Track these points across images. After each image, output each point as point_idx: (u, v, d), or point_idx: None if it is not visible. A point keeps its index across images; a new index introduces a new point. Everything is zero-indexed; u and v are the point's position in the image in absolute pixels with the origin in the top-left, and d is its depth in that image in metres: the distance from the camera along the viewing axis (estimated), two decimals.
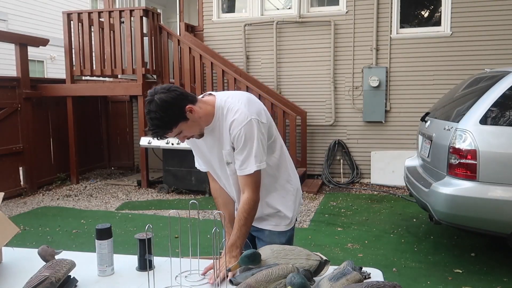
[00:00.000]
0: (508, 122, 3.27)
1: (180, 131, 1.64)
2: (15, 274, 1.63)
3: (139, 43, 6.36)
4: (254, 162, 1.66)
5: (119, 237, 4.32)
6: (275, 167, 1.84)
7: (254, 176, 1.69)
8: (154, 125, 1.58)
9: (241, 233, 1.69)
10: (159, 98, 1.55)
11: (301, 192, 2.00)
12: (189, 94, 1.65)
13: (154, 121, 1.57)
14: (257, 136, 1.65)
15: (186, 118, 1.61)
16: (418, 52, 6.54)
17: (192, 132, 1.68)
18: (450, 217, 3.37)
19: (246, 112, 1.65)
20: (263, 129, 1.69)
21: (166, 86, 1.60)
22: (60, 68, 11.24)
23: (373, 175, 6.74)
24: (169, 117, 1.57)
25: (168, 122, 1.58)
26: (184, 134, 1.67)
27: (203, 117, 1.67)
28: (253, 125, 1.64)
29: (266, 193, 1.83)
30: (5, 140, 6.03)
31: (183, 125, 1.62)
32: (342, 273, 1.32)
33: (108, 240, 1.62)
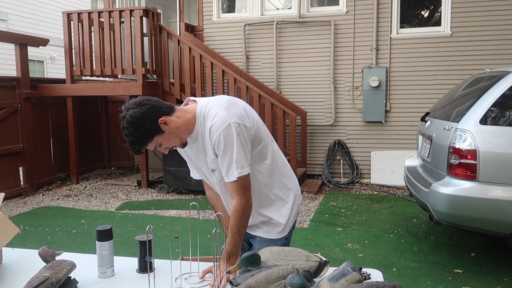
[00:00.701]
0: (508, 122, 3.27)
1: (158, 144, 1.61)
2: (15, 275, 1.63)
3: (139, 43, 6.35)
4: (235, 168, 1.60)
5: (119, 237, 4.32)
6: (267, 174, 1.77)
7: (239, 182, 1.62)
8: (130, 141, 1.57)
9: (235, 241, 1.66)
10: (130, 115, 1.53)
11: (300, 198, 1.93)
12: (163, 106, 1.59)
13: (129, 137, 1.55)
14: (237, 141, 1.58)
15: (161, 130, 1.57)
16: (418, 52, 6.54)
17: (171, 144, 1.65)
18: (450, 217, 3.37)
19: (225, 116, 1.59)
20: (245, 133, 1.61)
21: (138, 101, 1.56)
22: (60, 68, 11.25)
23: (373, 175, 6.74)
24: (142, 132, 1.55)
25: (142, 137, 1.56)
26: (165, 146, 1.64)
27: (182, 126, 1.63)
28: (232, 129, 1.57)
29: (258, 201, 1.77)
30: (5, 140, 6.03)
31: (160, 138, 1.59)
32: (341, 274, 1.32)
33: (108, 241, 1.62)
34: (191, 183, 6.08)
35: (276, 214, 1.82)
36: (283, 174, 1.84)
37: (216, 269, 1.54)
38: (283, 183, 1.83)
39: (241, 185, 1.63)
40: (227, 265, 1.60)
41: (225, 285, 1.49)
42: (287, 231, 1.84)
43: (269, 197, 1.81)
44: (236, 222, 1.65)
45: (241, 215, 1.64)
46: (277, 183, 1.81)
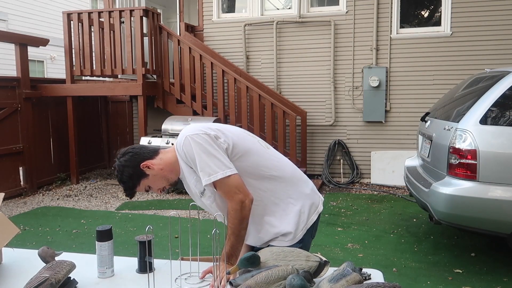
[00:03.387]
0: (508, 122, 3.27)
1: (147, 187, 1.72)
2: (15, 275, 1.63)
3: (139, 43, 6.35)
4: (203, 175, 1.63)
5: (119, 237, 4.32)
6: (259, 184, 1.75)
7: (219, 187, 1.64)
8: (123, 188, 1.73)
9: (231, 243, 1.66)
10: (117, 164, 1.71)
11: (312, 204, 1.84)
12: (145, 151, 1.72)
13: (120, 183, 1.72)
14: (196, 151, 1.62)
15: (145, 174, 1.69)
16: (418, 52, 6.54)
17: (159, 185, 1.74)
18: (450, 217, 3.37)
19: (182, 135, 1.68)
20: (208, 140, 1.63)
21: (122, 151, 1.73)
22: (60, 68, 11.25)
23: (373, 175, 6.74)
24: (128, 178, 1.69)
25: (129, 182, 1.69)
26: (156, 188, 1.74)
27: (165, 167, 1.71)
28: (189, 141, 1.64)
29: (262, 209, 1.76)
30: (5, 140, 6.03)
31: (146, 181, 1.70)
32: (342, 274, 1.32)
33: (108, 242, 1.62)
34: None
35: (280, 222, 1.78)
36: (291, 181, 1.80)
37: (216, 269, 1.54)
38: (285, 192, 1.79)
39: (223, 190, 1.64)
40: (227, 265, 1.60)
41: (225, 285, 1.49)
42: (298, 238, 1.79)
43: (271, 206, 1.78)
44: (230, 225, 1.66)
45: (233, 217, 1.64)
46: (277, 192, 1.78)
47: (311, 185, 1.88)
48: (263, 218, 1.78)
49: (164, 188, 1.76)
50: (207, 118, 6.30)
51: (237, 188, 1.63)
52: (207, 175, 1.61)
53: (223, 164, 1.62)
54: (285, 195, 1.79)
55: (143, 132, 6.46)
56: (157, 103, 6.83)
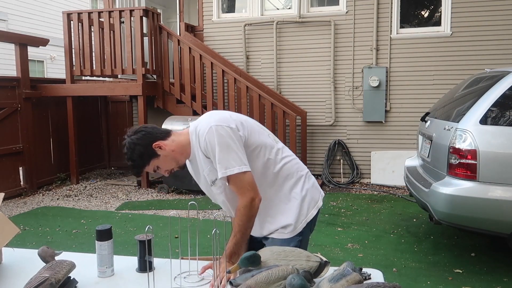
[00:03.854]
0: (508, 122, 3.27)
1: (156, 167, 1.72)
2: (15, 275, 1.63)
3: (139, 43, 6.35)
4: (220, 167, 1.64)
5: (119, 237, 4.32)
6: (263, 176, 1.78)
7: (233, 181, 1.66)
8: (130, 166, 1.70)
9: (236, 240, 1.67)
10: (128, 141, 1.68)
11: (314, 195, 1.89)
12: (158, 131, 1.71)
13: (128, 161, 1.69)
14: (219, 140, 1.63)
15: (156, 154, 1.68)
16: (418, 52, 6.54)
17: (169, 166, 1.74)
18: (450, 217, 3.37)
19: (207, 124, 1.68)
20: (231, 134, 1.65)
21: (134, 128, 1.71)
22: (60, 68, 11.25)
23: (373, 175, 6.74)
24: (138, 157, 1.67)
25: (139, 160, 1.68)
26: (164, 169, 1.74)
27: (177, 149, 1.72)
28: (213, 131, 1.64)
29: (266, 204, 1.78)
30: (5, 140, 6.03)
31: (156, 161, 1.70)
32: (342, 274, 1.32)
33: (108, 241, 1.62)
34: (191, 183, 6.04)
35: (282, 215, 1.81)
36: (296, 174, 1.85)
37: (216, 268, 1.54)
38: (290, 186, 1.83)
39: (235, 185, 1.66)
40: (228, 264, 1.60)
41: (225, 285, 1.49)
42: (298, 230, 1.83)
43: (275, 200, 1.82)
44: (238, 221, 1.67)
45: (243, 214, 1.66)
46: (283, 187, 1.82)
47: (313, 180, 1.92)
48: (268, 212, 1.81)
49: (172, 170, 1.76)
50: None
51: (249, 185, 1.66)
52: (224, 168, 1.63)
53: (241, 160, 1.65)
54: (289, 189, 1.83)
55: None
56: (157, 103, 6.83)
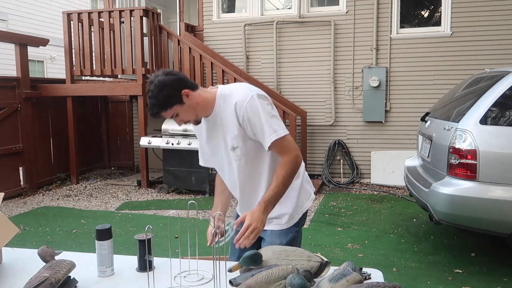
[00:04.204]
0: (508, 122, 3.27)
1: (176, 113, 1.70)
2: (15, 275, 1.63)
3: (139, 43, 6.35)
4: (276, 128, 1.70)
5: (119, 237, 4.32)
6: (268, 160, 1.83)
7: (279, 144, 1.71)
8: (151, 104, 1.66)
9: (278, 190, 1.70)
10: (158, 80, 1.65)
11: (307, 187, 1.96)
12: (189, 81, 1.72)
13: (152, 99, 1.65)
14: (263, 109, 1.69)
15: (181, 101, 1.68)
16: (418, 52, 6.54)
17: (187, 117, 1.74)
18: (450, 217, 3.37)
19: (247, 92, 1.72)
20: (271, 102, 1.75)
21: (167, 70, 1.69)
22: (60, 68, 11.24)
23: (373, 175, 6.74)
24: (165, 98, 1.65)
25: (164, 102, 1.66)
26: (181, 118, 1.73)
27: (201, 103, 1.73)
28: (255, 99, 1.69)
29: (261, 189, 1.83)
30: (5, 140, 6.03)
31: (179, 108, 1.69)
32: (342, 274, 1.32)
33: (108, 240, 1.62)
34: (191, 183, 6.08)
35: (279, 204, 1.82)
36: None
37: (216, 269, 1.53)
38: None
39: (283, 145, 1.72)
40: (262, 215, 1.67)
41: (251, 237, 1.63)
42: (295, 221, 1.88)
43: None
44: (283, 173, 1.71)
45: (289, 167, 1.72)
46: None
47: (306, 173, 2.01)
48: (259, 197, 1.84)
49: (188, 122, 1.76)
50: None
51: (294, 145, 1.76)
52: (274, 132, 1.69)
53: (283, 125, 1.75)
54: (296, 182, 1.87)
55: (143, 132, 6.46)
56: None
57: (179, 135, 5.99)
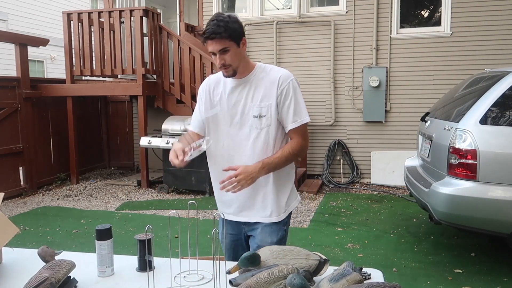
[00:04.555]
0: (508, 122, 3.27)
1: (227, 49, 1.75)
2: (15, 275, 1.63)
3: (139, 43, 6.35)
4: (305, 113, 1.86)
5: (119, 237, 4.32)
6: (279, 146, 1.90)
7: (304, 127, 1.87)
8: (218, 25, 1.71)
9: (279, 160, 1.81)
10: (233, 16, 1.78)
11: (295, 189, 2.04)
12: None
13: (220, 23, 1.71)
14: (300, 93, 1.86)
15: (238, 44, 1.78)
16: (418, 52, 6.54)
17: (232, 61, 1.77)
18: (450, 217, 3.37)
19: (289, 73, 1.86)
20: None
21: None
22: (60, 68, 11.24)
23: (373, 175, 6.74)
24: (233, 29, 1.73)
25: (231, 31, 1.72)
26: (226, 57, 1.76)
27: (246, 59, 1.84)
28: (296, 83, 1.86)
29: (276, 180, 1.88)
30: (5, 140, 6.03)
31: (233, 47, 1.76)
32: (342, 274, 1.32)
33: (108, 240, 1.62)
34: (191, 183, 6.08)
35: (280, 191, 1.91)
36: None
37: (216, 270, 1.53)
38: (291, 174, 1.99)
39: (303, 130, 1.88)
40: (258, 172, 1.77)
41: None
42: (283, 218, 1.93)
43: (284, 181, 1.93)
44: (289, 149, 1.84)
45: (297, 149, 1.86)
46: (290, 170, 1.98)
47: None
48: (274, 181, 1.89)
49: (227, 68, 1.79)
50: None
51: (307, 134, 1.94)
52: (304, 115, 1.86)
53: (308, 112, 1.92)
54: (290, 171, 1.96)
55: (143, 132, 6.46)
56: (157, 103, 6.83)
57: (179, 135, 5.99)
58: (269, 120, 1.82)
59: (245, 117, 1.85)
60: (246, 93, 1.84)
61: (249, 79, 1.84)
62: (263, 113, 1.82)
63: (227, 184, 1.74)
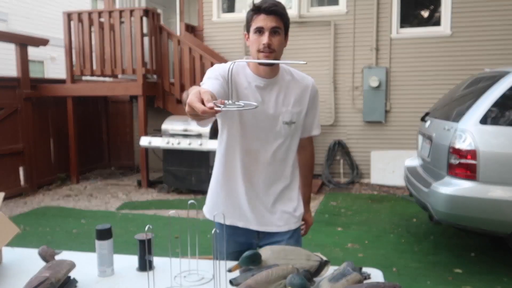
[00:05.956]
0: (508, 122, 3.27)
1: (278, 31, 1.61)
2: (15, 275, 1.63)
3: (139, 43, 6.35)
4: (319, 124, 1.90)
5: (120, 237, 4.31)
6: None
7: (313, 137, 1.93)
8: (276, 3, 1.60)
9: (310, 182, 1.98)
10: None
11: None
12: None
13: (279, 3, 1.61)
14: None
15: (286, 35, 1.67)
16: (418, 52, 6.54)
17: (277, 47, 1.62)
18: (450, 217, 3.37)
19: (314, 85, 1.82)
20: None
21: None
22: (60, 68, 11.25)
23: (373, 175, 6.74)
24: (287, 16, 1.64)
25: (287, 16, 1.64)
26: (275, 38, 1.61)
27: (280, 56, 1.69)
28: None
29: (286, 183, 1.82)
30: (5, 140, 6.03)
31: (282, 35, 1.63)
32: (342, 274, 1.32)
33: (108, 240, 1.62)
34: (191, 183, 6.08)
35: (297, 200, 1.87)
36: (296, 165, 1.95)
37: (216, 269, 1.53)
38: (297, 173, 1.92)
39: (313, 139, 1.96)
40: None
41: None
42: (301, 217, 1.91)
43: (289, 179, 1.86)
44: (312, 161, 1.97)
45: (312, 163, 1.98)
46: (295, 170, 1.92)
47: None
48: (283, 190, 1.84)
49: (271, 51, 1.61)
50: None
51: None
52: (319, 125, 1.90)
53: None
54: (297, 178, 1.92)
55: (143, 132, 6.46)
56: (157, 103, 6.83)
57: (179, 135, 6.00)
58: (297, 128, 1.74)
59: (274, 121, 1.69)
60: (276, 95, 1.69)
61: (277, 80, 1.69)
62: (293, 119, 1.70)
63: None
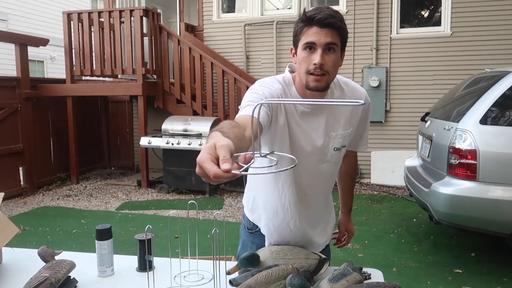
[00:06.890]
0: (508, 122, 3.27)
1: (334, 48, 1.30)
2: (15, 275, 1.62)
3: (139, 43, 6.35)
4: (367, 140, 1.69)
5: (119, 237, 4.32)
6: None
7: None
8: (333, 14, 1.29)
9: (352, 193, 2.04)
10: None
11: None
12: None
13: (337, 14, 1.30)
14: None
15: (342, 53, 1.36)
16: (418, 52, 6.54)
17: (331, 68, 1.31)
18: (450, 217, 3.37)
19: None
20: None
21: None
22: (60, 68, 11.24)
23: (373, 175, 6.74)
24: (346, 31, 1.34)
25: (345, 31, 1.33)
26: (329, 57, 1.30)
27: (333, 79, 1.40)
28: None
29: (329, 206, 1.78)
30: (5, 140, 6.02)
31: (338, 53, 1.32)
32: (342, 274, 1.32)
33: (108, 240, 1.62)
34: (191, 183, 6.08)
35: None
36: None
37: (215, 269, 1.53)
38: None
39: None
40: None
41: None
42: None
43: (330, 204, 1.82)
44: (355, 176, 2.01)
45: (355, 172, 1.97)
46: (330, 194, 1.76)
47: None
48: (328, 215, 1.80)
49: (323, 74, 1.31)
50: (207, 118, 6.30)
51: None
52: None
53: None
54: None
55: (143, 132, 6.46)
56: (157, 103, 6.83)
57: (179, 135, 6.00)
58: (345, 149, 1.50)
59: (323, 151, 1.44)
60: (325, 121, 1.41)
61: (332, 95, 1.43)
62: (344, 142, 1.46)
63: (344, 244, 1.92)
